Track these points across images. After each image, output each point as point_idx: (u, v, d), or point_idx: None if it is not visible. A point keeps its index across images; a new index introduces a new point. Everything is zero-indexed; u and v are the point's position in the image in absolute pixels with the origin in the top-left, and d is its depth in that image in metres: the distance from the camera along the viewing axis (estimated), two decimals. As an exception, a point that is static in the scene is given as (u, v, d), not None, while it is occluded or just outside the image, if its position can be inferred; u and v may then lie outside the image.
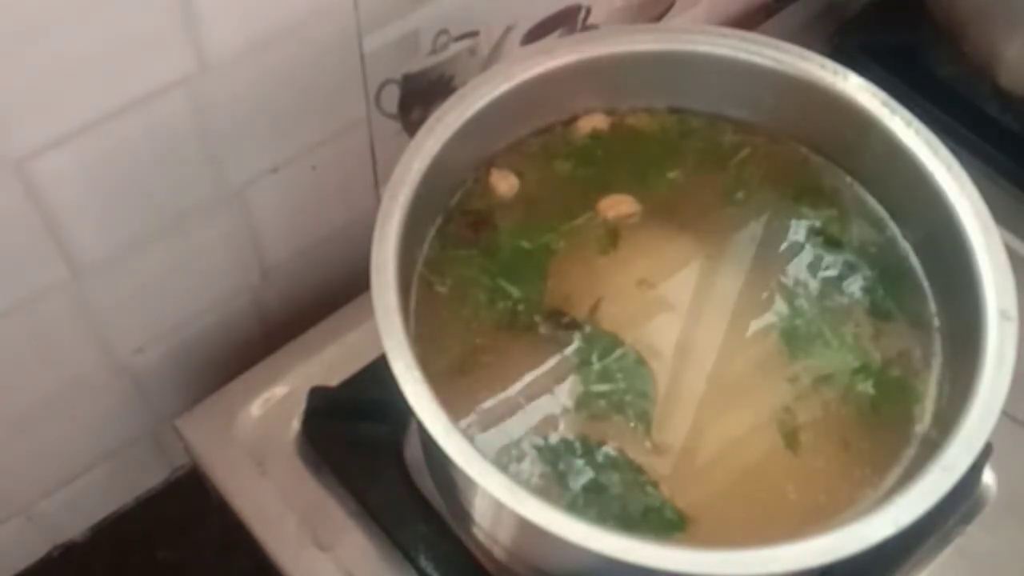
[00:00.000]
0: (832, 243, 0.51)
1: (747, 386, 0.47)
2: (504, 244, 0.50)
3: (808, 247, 0.51)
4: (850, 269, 0.50)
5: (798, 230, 0.51)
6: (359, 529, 0.54)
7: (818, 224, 0.51)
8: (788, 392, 0.47)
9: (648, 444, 0.45)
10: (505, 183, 0.51)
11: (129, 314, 0.56)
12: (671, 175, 0.53)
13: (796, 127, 0.53)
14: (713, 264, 0.51)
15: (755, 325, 0.49)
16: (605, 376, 0.47)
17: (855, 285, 0.50)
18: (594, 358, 0.47)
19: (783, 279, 0.50)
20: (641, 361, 0.47)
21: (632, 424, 0.46)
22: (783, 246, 0.51)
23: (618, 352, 0.48)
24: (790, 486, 0.45)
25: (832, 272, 0.50)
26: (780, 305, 0.49)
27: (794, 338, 0.48)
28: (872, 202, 0.52)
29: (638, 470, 0.45)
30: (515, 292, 0.49)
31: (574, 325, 0.48)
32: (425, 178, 0.46)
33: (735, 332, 0.49)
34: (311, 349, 0.59)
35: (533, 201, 0.52)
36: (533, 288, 0.49)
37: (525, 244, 0.50)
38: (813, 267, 0.50)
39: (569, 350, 0.48)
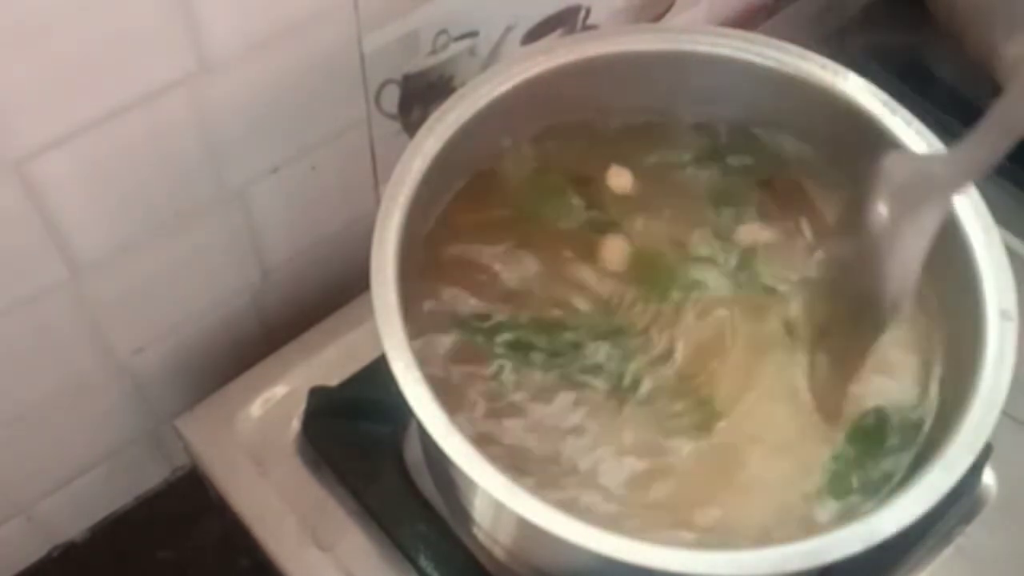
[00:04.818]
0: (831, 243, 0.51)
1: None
2: None
3: (807, 247, 0.51)
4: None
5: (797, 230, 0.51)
6: (359, 529, 0.54)
7: (817, 224, 0.51)
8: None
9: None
10: (620, 180, 0.51)
11: (129, 314, 0.56)
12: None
13: (796, 127, 0.53)
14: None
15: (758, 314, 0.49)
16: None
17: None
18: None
19: (782, 280, 0.50)
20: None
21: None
22: (781, 247, 0.51)
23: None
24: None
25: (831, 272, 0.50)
26: (778, 299, 0.49)
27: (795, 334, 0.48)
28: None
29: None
30: None
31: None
32: (425, 178, 0.46)
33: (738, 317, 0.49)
34: (311, 349, 0.59)
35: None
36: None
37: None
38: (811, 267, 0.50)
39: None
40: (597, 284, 0.49)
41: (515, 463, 0.44)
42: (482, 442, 0.43)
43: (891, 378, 0.47)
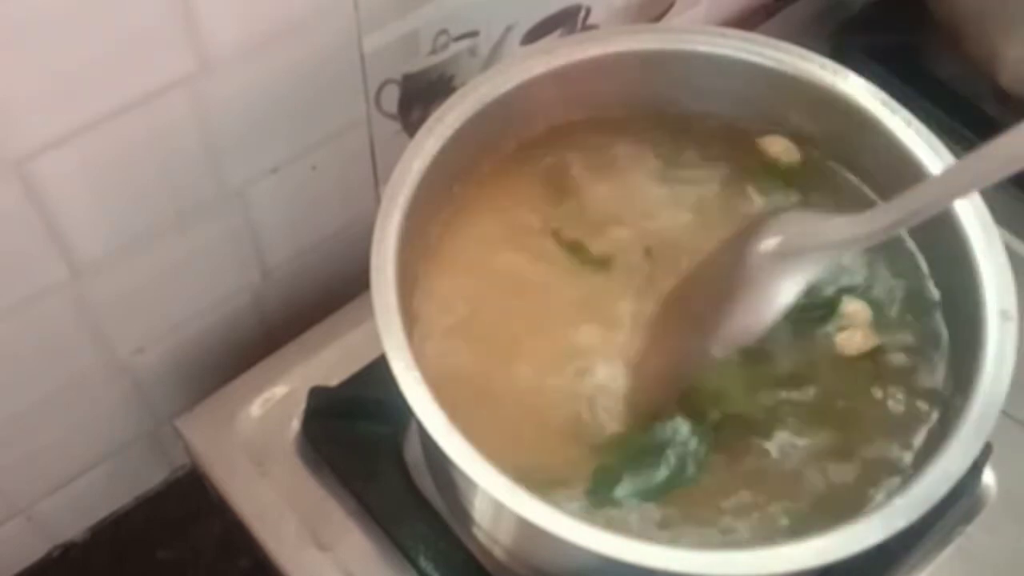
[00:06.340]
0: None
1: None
2: None
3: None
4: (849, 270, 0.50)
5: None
6: (359, 529, 0.54)
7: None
8: None
9: None
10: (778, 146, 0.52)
11: (129, 314, 0.56)
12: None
13: (796, 127, 0.53)
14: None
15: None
16: None
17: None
18: None
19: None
20: None
21: None
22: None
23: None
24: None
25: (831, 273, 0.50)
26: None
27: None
28: (871, 202, 0.52)
29: None
30: None
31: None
32: (425, 178, 0.46)
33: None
34: (311, 349, 0.59)
35: None
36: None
37: None
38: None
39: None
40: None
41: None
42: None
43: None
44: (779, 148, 0.52)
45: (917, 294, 0.49)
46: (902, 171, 0.49)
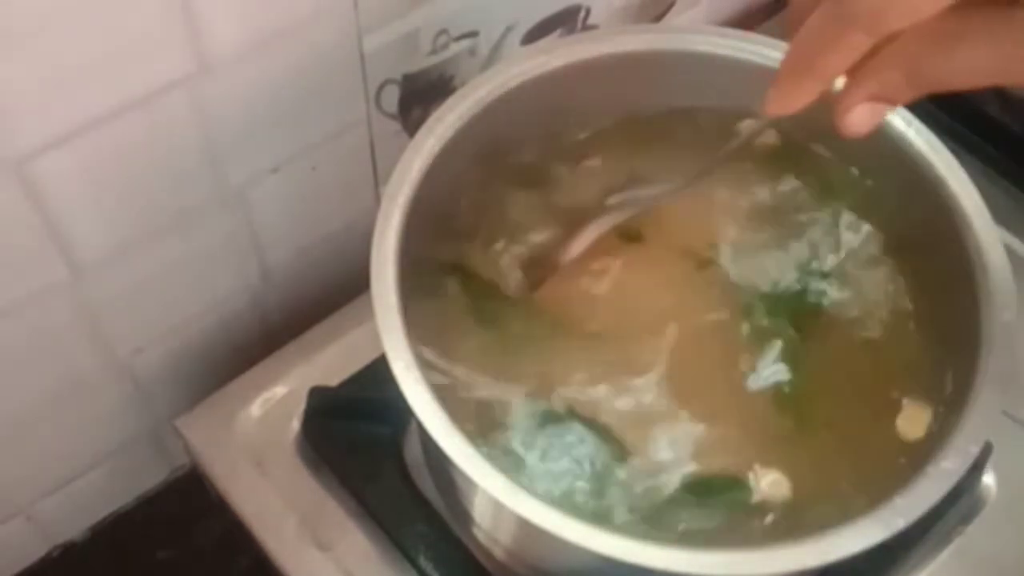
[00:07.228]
0: (831, 242, 0.51)
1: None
2: None
3: (807, 247, 0.51)
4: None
5: (798, 228, 0.51)
6: (359, 529, 0.54)
7: (816, 222, 0.51)
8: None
9: None
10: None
11: (129, 314, 0.56)
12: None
13: (796, 127, 0.53)
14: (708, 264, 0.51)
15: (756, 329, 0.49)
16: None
17: (855, 285, 0.50)
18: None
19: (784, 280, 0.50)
20: None
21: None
22: (782, 244, 0.51)
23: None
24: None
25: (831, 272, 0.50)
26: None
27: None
28: (871, 202, 0.52)
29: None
30: None
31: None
32: (425, 178, 0.46)
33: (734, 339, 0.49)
34: (311, 349, 0.59)
35: None
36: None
37: None
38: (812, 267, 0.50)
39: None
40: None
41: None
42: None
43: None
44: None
45: (913, 293, 0.49)
46: (903, 172, 0.49)
